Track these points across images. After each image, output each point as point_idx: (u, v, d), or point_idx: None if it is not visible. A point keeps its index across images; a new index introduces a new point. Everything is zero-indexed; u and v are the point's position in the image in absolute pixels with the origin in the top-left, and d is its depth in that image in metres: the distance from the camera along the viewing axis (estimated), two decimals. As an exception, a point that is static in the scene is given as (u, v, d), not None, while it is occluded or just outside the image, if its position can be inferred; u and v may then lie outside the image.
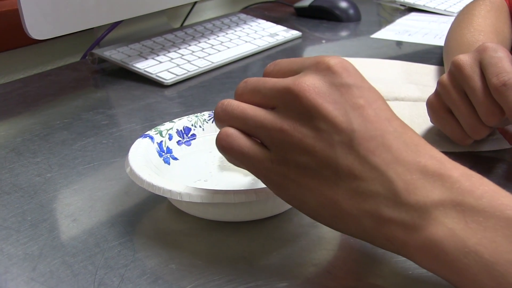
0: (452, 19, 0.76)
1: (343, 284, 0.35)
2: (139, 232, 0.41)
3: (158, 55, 0.80)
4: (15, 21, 0.67)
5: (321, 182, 0.32)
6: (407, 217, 0.30)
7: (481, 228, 0.29)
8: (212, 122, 0.52)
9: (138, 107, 0.67)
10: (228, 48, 0.86)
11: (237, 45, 0.88)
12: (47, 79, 0.78)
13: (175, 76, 0.75)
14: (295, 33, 0.97)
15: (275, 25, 1.00)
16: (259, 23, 1.00)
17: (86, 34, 0.89)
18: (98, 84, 0.77)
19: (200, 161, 0.49)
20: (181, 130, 0.50)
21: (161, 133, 0.48)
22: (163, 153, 0.47)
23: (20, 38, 0.73)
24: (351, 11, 1.10)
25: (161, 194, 0.39)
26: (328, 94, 0.33)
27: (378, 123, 0.32)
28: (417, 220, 0.30)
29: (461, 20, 0.70)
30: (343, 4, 1.10)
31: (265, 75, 0.38)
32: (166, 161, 0.47)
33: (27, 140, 0.58)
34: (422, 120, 0.57)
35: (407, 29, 1.02)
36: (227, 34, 0.92)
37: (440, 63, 0.78)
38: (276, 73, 0.37)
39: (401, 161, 0.31)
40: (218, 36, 0.91)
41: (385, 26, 1.05)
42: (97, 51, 0.80)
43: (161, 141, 0.48)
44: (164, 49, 0.83)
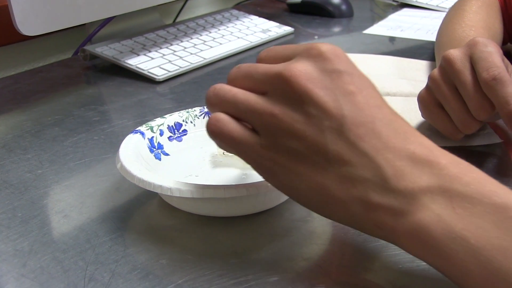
0: (444, 14, 0.76)
1: (334, 278, 0.35)
2: (130, 227, 0.41)
3: (150, 51, 0.80)
4: (5, 17, 0.66)
5: (310, 167, 0.32)
6: (396, 203, 0.30)
7: (468, 214, 0.29)
8: (204, 117, 0.52)
9: (130, 103, 0.67)
10: (220, 44, 0.86)
11: (229, 41, 0.88)
12: (38, 76, 0.78)
13: (167, 72, 0.75)
14: (287, 29, 0.97)
15: (267, 21, 1.00)
16: (252, 19, 0.99)
17: (77, 31, 0.89)
18: (90, 80, 0.77)
19: (191, 157, 0.49)
20: (172, 126, 0.50)
21: (152, 128, 0.48)
22: (154, 149, 0.47)
23: (11, 35, 0.72)
24: (344, 7, 1.10)
25: (151, 190, 0.39)
26: (319, 79, 0.33)
27: (368, 109, 0.32)
28: (405, 206, 0.30)
29: (452, 16, 0.70)
30: (336, 0, 1.10)
31: (258, 61, 0.38)
32: (157, 157, 0.47)
33: (18, 137, 0.58)
34: (413, 115, 0.58)
35: (399, 24, 1.02)
36: (219, 30, 0.92)
37: (432, 58, 0.78)
38: (269, 59, 0.37)
39: (390, 148, 0.31)
40: (210, 32, 0.91)
41: (378, 21, 1.05)
42: (88, 48, 0.80)
43: (152, 137, 0.48)
44: (156, 45, 0.83)
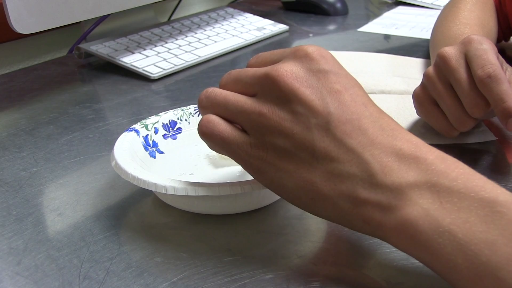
0: (439, 12, 0.76)
1: (328, 276, 0.35)
2: (124, 225, 0.41)
3: (145, 49, 0.80)
4: (-1, 15, 0.66)
5: (298, 165, 0.33)
6: (383, 198, 0.31)
7: (455, 208, 0.29)
8: (198, 115, 0.52)
9: (124, 101, 0.67)
10: (215, 42, 0.86)
11: (224, 39, 0.88)
12: (33, 74, 0.78)
13: (162, 70, 0.75)
14: (282, 27, 0.97)
15: (262, 19, 1.00)
16: (246, 17, 0.99)
17: (72, 29, 0.89)
18: (85, 78, 0.76)
19: (186, 155, 0.49)
20: (167, 124, 0.50)
21: (146, 126, 0.48)
22: (148, 147, 0.47)
23: (5, 33, 0.72)
24: (339, 5, 1.10)
25: (146, 187, 0.39)
26: (305, 79, 0.34)
27: (354, 107, 0.33)
28: (393, 201, 0.30)
29: (447, 13, 0.70)
30: (331, -2, 1.10)
31: (248, 67, 0.39)
32: (152, 155, 0.47)
33: (12, 135, 0.58)
34: (408, 113, 0.58)
35: (394, 22, 1.02)
36: (214, 28, 0.92)
37: (427, 56, 0.78)
38: (258, 64, 0.38)
39: (377, 144, 0.32)
40: (205, 30, 0.90)
41: (373, 19, 1.05)
42: (83, 46, 0.80)
43: (147, 135, 0.48)
44: (151, 43, 0.83)
